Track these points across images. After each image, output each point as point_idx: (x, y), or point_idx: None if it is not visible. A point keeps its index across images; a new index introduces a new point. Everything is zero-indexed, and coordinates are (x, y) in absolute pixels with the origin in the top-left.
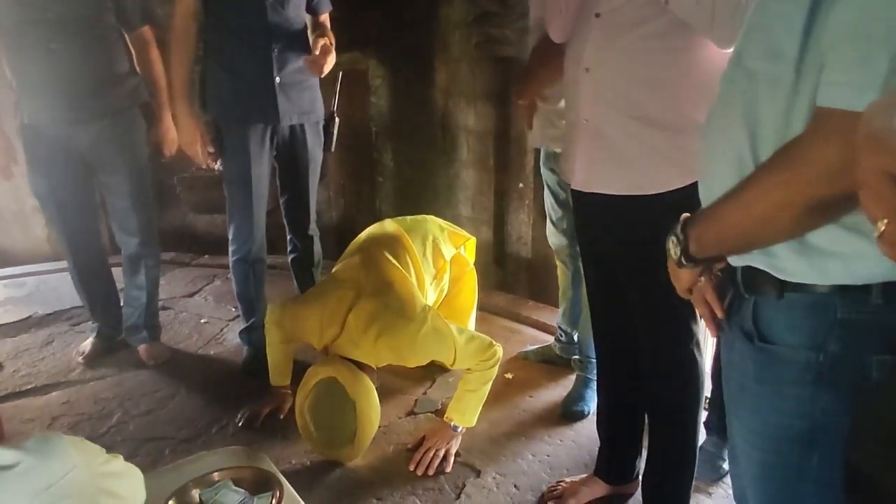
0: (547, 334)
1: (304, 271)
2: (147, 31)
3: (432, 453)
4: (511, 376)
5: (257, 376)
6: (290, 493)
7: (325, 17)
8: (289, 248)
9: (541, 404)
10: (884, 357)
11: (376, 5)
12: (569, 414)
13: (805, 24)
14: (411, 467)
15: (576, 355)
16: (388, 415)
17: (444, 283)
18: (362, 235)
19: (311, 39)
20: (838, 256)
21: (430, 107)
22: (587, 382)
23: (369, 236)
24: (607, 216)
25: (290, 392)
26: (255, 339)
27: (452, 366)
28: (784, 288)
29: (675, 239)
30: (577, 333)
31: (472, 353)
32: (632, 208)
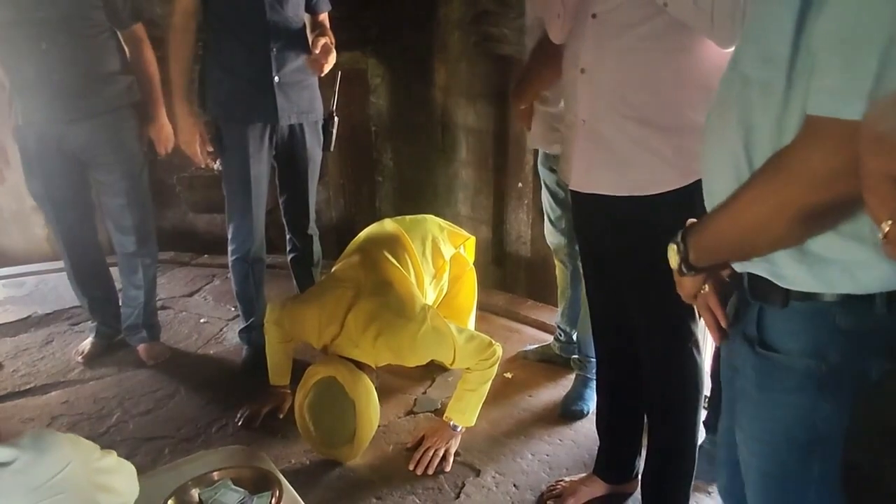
0: (546, 333)
1: (304, 271)
2: (139, 29)
3: (432, 452)
4: (510, 376)
5: (257, 376)
6: (290, 492)
7: (325, 16)
8: (288, 248)
9: (540, 403)
10: (885, 366)
11: (375, 4)
12: (568, 413)
13: (795, 29)
14: (411, 467)
15: (575, 355)
16: (387, 414)
17: (443, 283)
18: (362, 235)
19: (310, 39)
20: (838, 264)
21: (429, 106)
22: (586, 382)
23: (368, 236)
24: (605, 217)
25: (289, 391)
26: (254, 338)
27: (452, 365)
28: (789, 296)
29: (676, 247)
30: (576, 333)
31: (472, 353)
32: (630, 209)
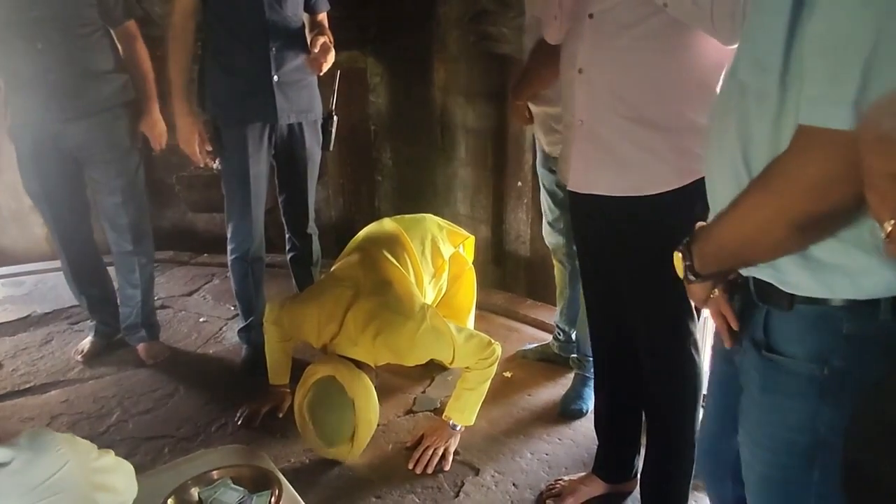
0: (545, 332)
1: (303, 270)
2: (132, 26)
3: (431, 452)
4: (510, 375)
5: (256, 375)
6: (289, 491)
7: (324, 15)
8: (287, 247)
9: (539, 403)
10: (886, 365)
11: (374, 4)
12: (567, 412)
13: (787, 36)
14: (410, 466)
15: (574, 354)
16: (386, 413)
17: (442, 282)
18: (361, 234)
19: (308, 38)
20: (841, 270)
21: (428, 105)
22: (585, 381)
23: (368, 235)
24: (604, 217)
25: (288, 391)
26: (253, 337)
27: (451, 364)
28: (794, 300)
29: (681, 255)
30: (575, 332)
31: (471, 352)
32: (628, 209)
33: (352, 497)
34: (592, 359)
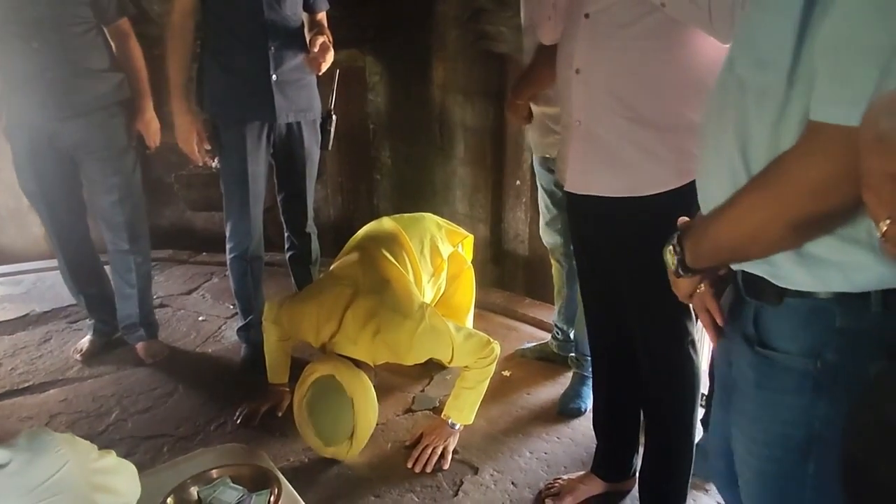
0: (544, 331)
1: (302, 269)
2: (125, 23)
3: (430, 451)
4: (508, 374)
5: (255, 374)
6: (288, 490)
7: (323, 15)
8: (286, 246)
9: (538, 402)
10: (881, 364)
11: (373, 3)
12: (566, 411)
13: (797, 33)
14: (409, 464)
15: (572, 353)
16: (385, 412)
17: (441, 281)
18: (360, 233)
19: (307, 37)
20: (837, 266)
21: (427, 104)
22: (584, 380)
23: (367, 234)
24: (602, 218)
25: (287, 389)
26: (252, 336)
27: (450, 363)
28: (784, 294)
29: (672, 250)
30: (574, 331)
31: (470, 351)
32: (626, 210)
33: (351, 496)
34: (591, 358)
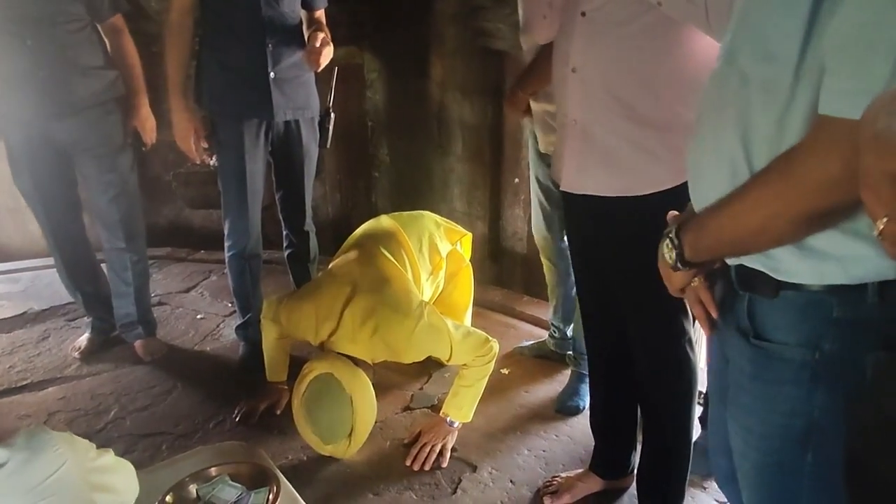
0: (542, 329)
1: (301, 267)
2: (118, 20)
3: (428, 448)
4: (507, 371)
5: (254, 372)
6: (287, 488)
7: (321, 12)
8: (285, 244)
9: (536, 400)
10: (878, 354)
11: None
12: (564, 409)
13: (806, 27)
14: (408, 462)
15: (570, 351)
16: (384, 410)
17: (440, 279)
18: (358, 231)
19: (306, 35)
20: (836, 259)
21: (425, 101)
22: (581, 378)
23: (365, 232)
24: (597, 217)
25: (286, 388)
26: (251, 334)
27: (448, 361)
28: (780, 286)
29: (670, 243)
30: (571, 330)
31: (469, 349)
32: (622, 209)
33: (349, 494)
34: (587, 356)
